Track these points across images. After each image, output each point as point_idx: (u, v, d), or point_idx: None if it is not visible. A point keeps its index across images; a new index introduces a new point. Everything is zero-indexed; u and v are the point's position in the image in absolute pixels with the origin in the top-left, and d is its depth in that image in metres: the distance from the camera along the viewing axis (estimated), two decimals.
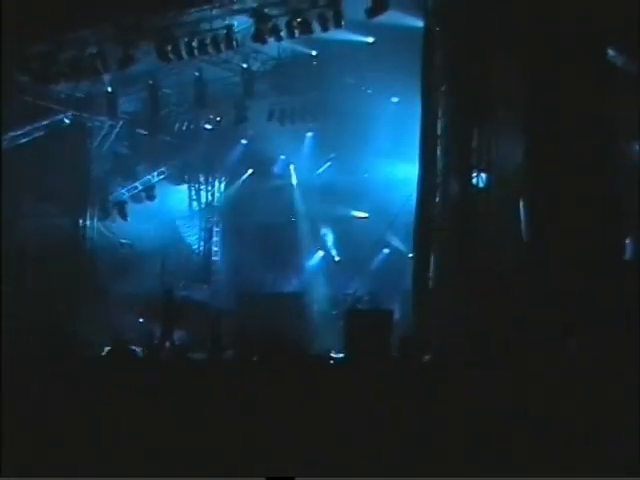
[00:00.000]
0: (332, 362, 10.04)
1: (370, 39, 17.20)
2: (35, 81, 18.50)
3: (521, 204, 13.23)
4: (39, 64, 17.94)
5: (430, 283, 13.95)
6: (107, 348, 6.19)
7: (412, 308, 13.96)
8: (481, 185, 13.56)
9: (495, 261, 13.04)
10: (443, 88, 14.18)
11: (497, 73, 13.28)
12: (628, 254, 13.00)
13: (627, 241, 13.37)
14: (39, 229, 19.61)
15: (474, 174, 13.58)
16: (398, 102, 18.89)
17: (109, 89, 20.16)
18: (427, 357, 12.76)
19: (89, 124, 21.87)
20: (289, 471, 4.61)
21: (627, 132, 13.15)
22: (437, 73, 14.13)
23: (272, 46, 17.27)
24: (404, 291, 15.56)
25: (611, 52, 12.92)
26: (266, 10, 15.99)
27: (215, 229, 24.09)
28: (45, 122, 20.38)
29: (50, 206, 20.66)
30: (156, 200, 22.42)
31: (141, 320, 20.03)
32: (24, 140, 19.91)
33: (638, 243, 13.02)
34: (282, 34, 16.13)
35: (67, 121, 21.03)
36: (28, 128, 19.95)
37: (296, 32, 16.00)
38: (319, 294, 20.75)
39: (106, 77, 19.32)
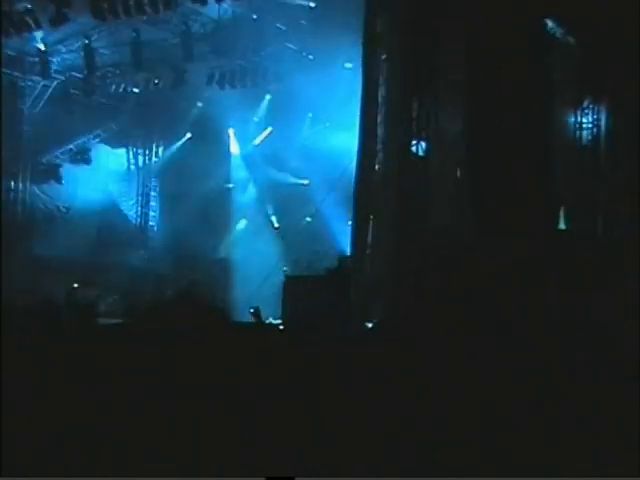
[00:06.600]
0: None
1: (312, 3, 17.04)
2: None
3: (458, 172, 13.39)
4: None
5: (368, 250, 14.06)
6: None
7: (350, 275, 14.04)
8: (421, 153, 13.66)
9: (433, 229, 13.19)
10: (384, 56, 14.16)
11: (437, 42, 13.33)
12: (562, 224, 13.29)
13: (561, 211, 13.66)
14: None
15: (414, 142, 13.67)
16: (340, 68, 18.81)
17: (42, 47, 19.54)
18: (369, 325, 12.94)
19: (21, 84, 21.16)
20: (289, 471, 4.60)
21: (564, 102, 13.39)
22: (379, 40, 14.10)
23: (212, 7, 16.92)
24: (342, 258, 15.65)
25: (550, 23, 13.07)
26: None
27: (152, 194, 23.75)
28: None
29: None
30: (92, 163, 21.97)
31: (75, 286, 19.71)
32: None
33: (572, 212, 13.32)
34: None
35: None
36: None
37: None
38: (257, 261, 20.72)
39: (38, 35, 18.73)
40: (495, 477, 4.68)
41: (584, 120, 13.75)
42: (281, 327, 13.20)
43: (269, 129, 21.76)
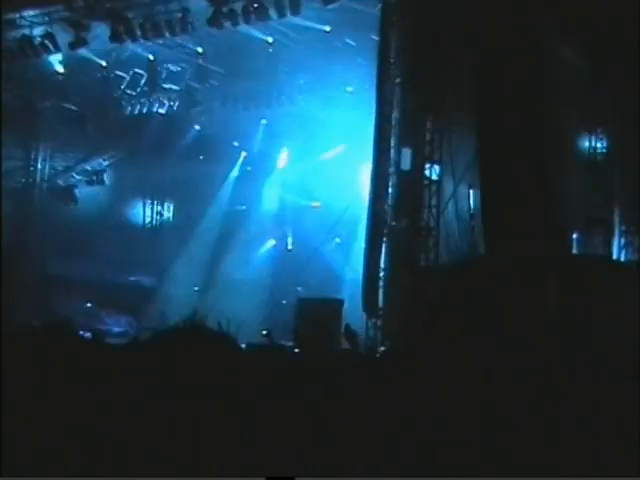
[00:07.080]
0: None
1: (327, 27, 17.13)
2: None
3: (471, 195, 13.40)
4: None
5: (381, 272, 14.04)
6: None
7: (362, 298, 14.00)
8: (434, 177, 13.67)
9: (446, 252, 13.17)
10: (398, 80, 14.24)
11: (451, 66, 13.38)
12: (576, 248, 13.21)
13: (574, 235, 13.59)
14: None
15: (427, 166, 13.69)
16: (353, 92, 18.88)
17: (61, 70, 19.73)
18: (382, 348, 12.91)
19: (39, 105, 21.36)
20: (289, 471, 4.59)
21: (577, 126, 13.39)
22: (393, 64, 14.19)
23: (228, 30, 17.06)
24: (354, 280, 15.61)
25: (562, 48, 13.11)
26: None
27: (165, 215, 23.85)
28: None
29: None
30: (106, 184, 22.13)
31: (89, 305, 19.78)
32: None
33: (585, 237, 13.26)
34: (239, 19, 16.01)
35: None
36: None
37: (253, 17, 15.89)
38: (270, 283, 20.72)
39: (57, 58, 18.92)
40: (495, 477, 4.65)
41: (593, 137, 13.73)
42: (295, 350, 13.15)
43: (283, 151, 21.84)
